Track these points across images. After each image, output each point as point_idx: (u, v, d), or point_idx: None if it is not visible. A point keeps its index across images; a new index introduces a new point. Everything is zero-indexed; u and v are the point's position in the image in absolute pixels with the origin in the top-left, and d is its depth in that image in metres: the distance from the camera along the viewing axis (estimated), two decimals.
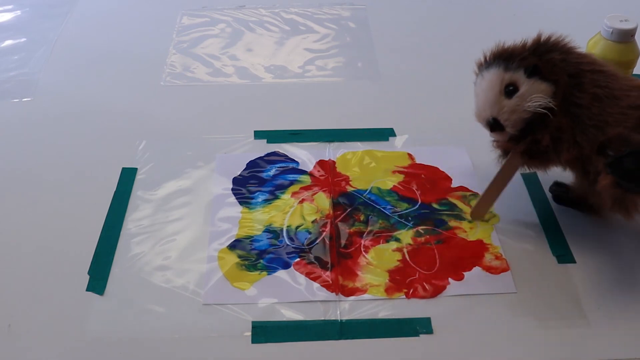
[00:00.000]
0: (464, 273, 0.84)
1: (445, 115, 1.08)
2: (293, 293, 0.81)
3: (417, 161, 1.00)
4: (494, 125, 0.81)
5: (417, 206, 0.93)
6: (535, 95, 0.78)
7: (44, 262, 0.85)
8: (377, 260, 0.85)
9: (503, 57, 0.81)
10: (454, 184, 0.96)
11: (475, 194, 0.95)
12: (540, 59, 0.79)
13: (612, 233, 0.88)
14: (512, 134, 0.81)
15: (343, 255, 0.86)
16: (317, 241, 0.88)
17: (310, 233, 0.89)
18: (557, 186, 0.93)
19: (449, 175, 0.98)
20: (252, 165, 1.00)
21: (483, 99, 0.81)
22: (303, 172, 0.98)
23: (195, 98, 1.15)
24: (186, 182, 0.97)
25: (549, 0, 1.47)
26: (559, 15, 1.40)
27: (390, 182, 0.96)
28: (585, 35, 0.99)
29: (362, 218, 0.91)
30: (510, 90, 0.79)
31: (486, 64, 0.83)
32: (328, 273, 0.83)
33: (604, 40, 0.95)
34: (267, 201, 0.94)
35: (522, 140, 0.81)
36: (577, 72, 0.79)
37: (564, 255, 0.86)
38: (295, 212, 0.92)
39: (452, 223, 0.90)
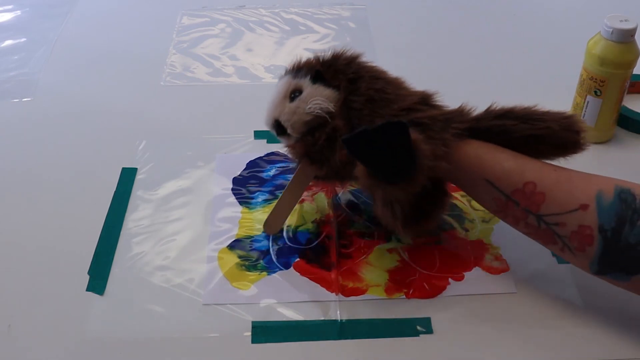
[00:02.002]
0: (464, 273, 0.83)
1: None
2: (293, 293, 0.81)
3: None
4: (277, 128, 0.82)
5: None
6: (315, 98, 0.80)
7: (44, 262, 0.85)
8: (377, 260, 0.85)
9: (295, 68, 0.84)
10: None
11: None
12: (327, 67, 0.82)
13: None
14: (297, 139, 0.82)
15: (343, 255, 0.86)
16: (317, 241, 0.87)
17: (310, 233, 0.88)
18: None
19: None
20: (252, 165, 0.99)
21: (270, 104, 0.83)
22: None
23: (195, 98, 1.15)
24: (186, 182, 0.97)
25: (549, 0, 1.47)
26: (559, 15, 1.40)
27: None
28: (585, 35, 0.99)
29: (362, 218, 0.91)
30: (295, 95, 0.81)
31: (281, 75, 0.85)
32: (328, 273, 0.83)
33: (604, 40, 0.95)
34: (267, 201, 0.93)
35: (304, 139, 0.81)
36: (357, 77, 0.81)
37: None
38: (295, 212, 0.91)
39: (452, 223, 0.90)
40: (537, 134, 0.76)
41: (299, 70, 0.83)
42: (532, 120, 0.77)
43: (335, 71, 0.82)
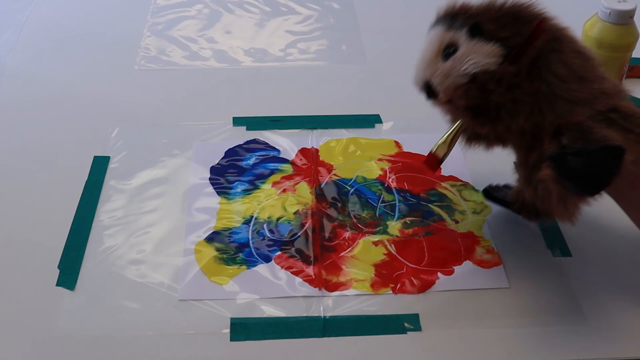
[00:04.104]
0: (454, 267, 0.83)
1: None
2: (274, 288, 0.80)
3: (405, 149, 0.99)
4: (427, 90, 0.75)
5: (404, 196, 0.91)
6: (472, 57, 0.71)
7: (11, 256, 0.84)
8: (362, 254, 0.84)
9: (450, 14, 0.74)
10: (444, 173, 0.95)
11: (465, 184, 0.94)
12: (496, 13, 0.71)
13: (610, 224, 0.88)
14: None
15: (326, 248, 0.85)
16: (299, 234, 0.86)
17: (292, 225, 0.87)
18: (492, 187, 0.89)
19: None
20: (230, 153, 0.98)
21: (419, 61, 0.75)
22: (284, 160, 0.97)
23: (171, 83, 1.14)
24: (161, 172, 0.96)
25: None
26: None
27: (376, 171, 0.95)
28: (582, 17, 0.99)
29: (346, 209, 0.90)
30: (449, 52, 0.72)
31: (433, 23, 0.76)
32: (311, 267, 0.82)
33: (602, 21, 0.95)
34: (246, 191, 0.92)
35: (470, 93, 0.72)
36: (556, 37, 0.72)
37: (559, 248, 0.85)
38: (276, 202, 0.91)
39: (442, 214, 0.89)
40: None
41: (453, 18, 0.73)
42: None
43: (512, 16, 0.71)
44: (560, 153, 0.67)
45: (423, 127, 1.02)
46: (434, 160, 0.82)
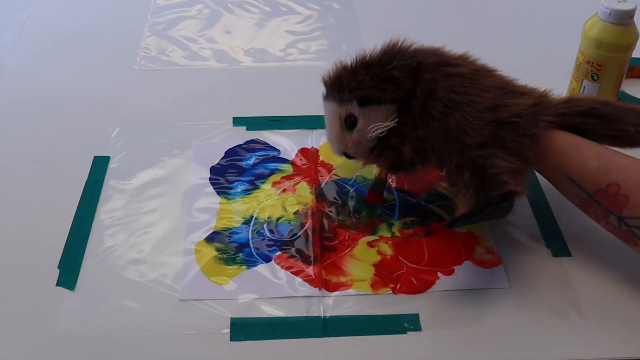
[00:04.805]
0: (454, 267, 0.82)
1: None
2: (274, 288, 0.80)
3: None
4: (347, 156, 0.85)
5: (404, 196, 0.91)
6: (373, 125, 0.79)
7: (11, 256, 0.83)
8: (362, 254, 0.84)
9: (335, 88, 0.82)
10: (445, 173, 0.92)
11: None
12: (373, 79, 0.79)
13: None
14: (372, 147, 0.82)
15: (326, 248, 0.84)
16: (299, 234, 0.86)
17: (292, 225, 0.87)
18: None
19: None
20: (230, 153, 0.98)
21: (329, 134, 0.85)
22: (284, 160, 0.97)
23: (171, 83, 1.14)
24: (161, 172, 0.95)
25: None
26: None
27: (376, 170, 0.94)
28: (582, 17, 0.99)
29: (346, 209, 0.90)
30: (351, 121, 0.81)
31: (324, 93, 0.84)
32: (311, 267, 0.82)
33: (602, 21, 0.94)
34: (246, 191, 0.92)
35: (384, 155, 0.81)
36: (429, 79, 0.79)
37: (558, 248, 0.85)
38: (276, 202, 0.90)
39: (442, 214, 0.89)
40: (614, 135, 0.80)
41: (340, 91, 0.81)
42: (613, 122, 0.80)
43: (387, 79, 0.79)
44: (452, 221, 0.77)
45: None
46: (378, 195, 0.90)
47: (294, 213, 0.89)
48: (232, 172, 0.95)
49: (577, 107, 0.81)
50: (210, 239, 0.85)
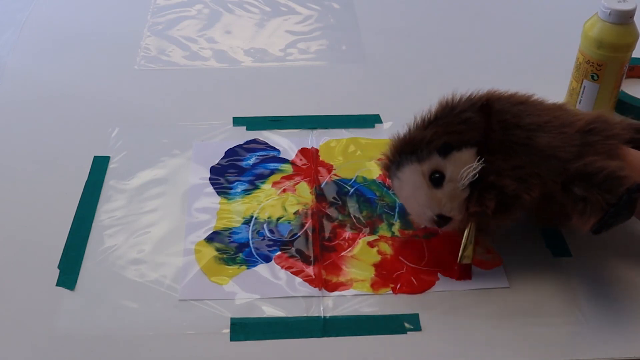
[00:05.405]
0: (454, 267, 0.82)
1: (434, 101, 1.06)
2: (274, 288, 0.79)
3: None
4: (441, 221, 0.76)
5: None
6: (463, 170, 0.74)
7: (11, 256, 0.83)
8: (362, 254, 0.84)
9: (408, 151, 0.76)
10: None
11: None
12: (445, 129, 0.75)
13: None
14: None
15: (326, 248, 0.84)
16: (299, 234, 0.86)
17: (292, 225, 0.87)
18: None
19: None
20: (230, 153, 0.98)
21: (418, 202, 0.77)
22: (284, 160, 0.97)
23: (171, 83, 1.14)
24: (161, 172, 0.95)
25: None
26: None
27: (376, 171, 0.95)
28: (582, 17, 0.99)
29: (346, 209, 0.89)
30: (436, 177, 0.75)
31: (395, 164, 0.78)
32: (311, 267, 0.82)
33: (602, 22, 0.94)
34: (246, 191, 0.92)
35: (486, 196, 0.75)
36: (499, 111, 0.76)
37: (559, 248, 0.84)
38: (276, 202, 0.90)
39: None
40: None
41: (413, 153, 0.76)
42: None
43: (460, 122, 0.75)
44: (597, 226, 0.73)
45: None
46: (467, 270, 0.82)
47: (294, 213, 0.88)
48: (232, 172, 0.94)
49: (633, 125, 0.82)
50: (210, 239, 0.85)
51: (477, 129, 0.75)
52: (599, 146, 0.76)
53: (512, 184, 0.75)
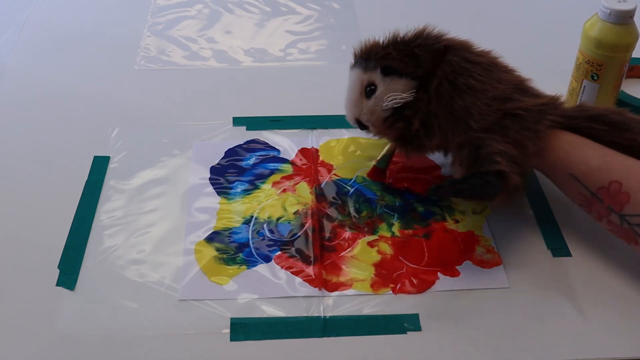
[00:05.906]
0: (454, 267, 0.82)
1: None
2: (274, 288, 0.79)
3: None
4: (359, 125, 0.87)
5: (404, 196, 0.91)
6: (391, 94, 0.82)
7: (11, 256, 0.83)
8: (362, 254, 0.83)
9: (363, 57, 0.86)
10: (444, 173, 0.95)
11: None
12: (399, 53, 0.84)
13: None
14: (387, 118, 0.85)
15: (326, 248, 0.84)
16: (299, 234, 0.86)
17: (292, 225, 0.87)
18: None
19: (438, 163, 0.96)
20: (230, 153, 0.98)
21: (347, 100, 0.87)
22: (284, 160, 0.97)
23: (171, 83, 1.14)
24: (161, 172, 0.95)
25: None
26: None
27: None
28: (582, 17, 0.98)
29: (346, 209, 0.89)
30: (370, 90, 0.84)
31: (355, 62, 0.88)
32: (311, 267, 0.82)
33: (601, 21, 0.94)
34: (246, 191, 0.92)
35: (395, 125, 0.85)
36: (449, 61, 0.83)
37: (559, 248, 0.84)
38: (276, 202, 0.90)
39: (442, 214, 0.89)
40: (622, 143, 0.80)
41: (367, 60, 0.85)
42: (621, 130, 0.81)
43: (410, 55, 0.83)
44: (437, 186, 0.82)
45: None
46: (381, 173, 0.93)
47: (294, 213, 0.88)
48: (232, 172, 0.94)
49: (587, 112, 0.83)
50: (210, 239, 0.85)
51: (422, 67, 0.83)
52: (511, 131, 0.80)
53: (417, 125, 0.83)
